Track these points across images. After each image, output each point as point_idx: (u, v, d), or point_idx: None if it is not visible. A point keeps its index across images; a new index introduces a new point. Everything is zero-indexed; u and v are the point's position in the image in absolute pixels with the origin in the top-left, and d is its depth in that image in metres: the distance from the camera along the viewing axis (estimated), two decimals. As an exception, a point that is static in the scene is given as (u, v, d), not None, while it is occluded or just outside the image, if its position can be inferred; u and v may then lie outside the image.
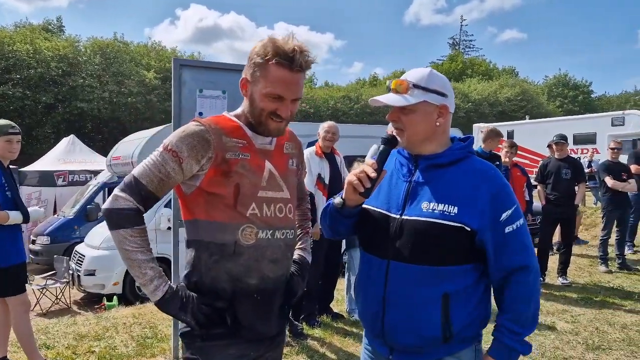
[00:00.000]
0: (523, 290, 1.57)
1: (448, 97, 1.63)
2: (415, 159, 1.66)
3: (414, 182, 1.64)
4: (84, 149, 15.29)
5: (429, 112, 1.61)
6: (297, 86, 1.62)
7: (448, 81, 1.68)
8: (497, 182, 1.60)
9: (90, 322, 5.30)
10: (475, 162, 1.65)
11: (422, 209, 1.58)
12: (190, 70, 3.79)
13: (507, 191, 1.61)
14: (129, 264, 1.57)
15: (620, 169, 7.11)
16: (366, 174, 1.55)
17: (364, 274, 1.74)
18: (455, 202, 1.55)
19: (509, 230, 1.56)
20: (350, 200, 1.62)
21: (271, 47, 1.57)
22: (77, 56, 24.72)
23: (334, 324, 4.97)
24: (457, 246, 1.55)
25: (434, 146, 1.65)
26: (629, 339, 4.47)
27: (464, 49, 55.66)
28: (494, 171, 1.64)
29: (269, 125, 1.65)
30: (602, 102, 48.24)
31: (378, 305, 1.63)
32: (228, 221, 1.60)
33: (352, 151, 6.96)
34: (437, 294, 1.55)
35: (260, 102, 1.62)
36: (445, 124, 1.65)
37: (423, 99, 1.59)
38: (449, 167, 1.62)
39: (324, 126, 5.01)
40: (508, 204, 1.57)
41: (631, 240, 8.07)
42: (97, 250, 7.76)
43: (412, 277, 1.56)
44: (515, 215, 1.57)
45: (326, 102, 30.83)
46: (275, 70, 1.58)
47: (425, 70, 1.65)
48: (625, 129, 15.81)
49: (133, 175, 1.60)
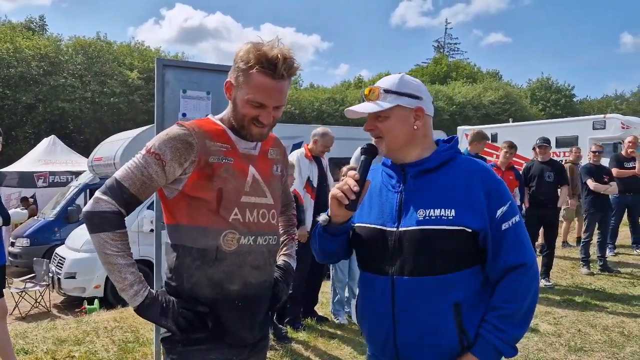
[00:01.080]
0: (516, 287, 1.51)
1: (423, 99, 1.60)
2: (403, 167, 1.62)
3: (405, 191, 1.59)
4: (65, 149, 15.11)
5: (404, 116, 1.58)
6: (279, 94, 1.60)
7: (422, 85, 1.65)
8: (489, 178, 1.56)
9: (70, 326, 5.22)
10: (463, 162, 1.61)
11: (418, 217, 1.52)
12: (173, 71, 3.74)
13: (501, 187, 1.56)
14: (109, 269, 1.54)
15: (601, 172, 7.20)
16: (349, 186, 1.52)
17: (367, 295, 1.65)
18: (452, 205, 1.50)
19: (505, 227, 1.51)
20: (337, 216, 1.58)
21: (254, 54, 1.55)
22: (58, 55, 24.38)
23: (319, 327, 4.95)
24: (461, 250, 1.50)
25: (417, 151, 1.61)
26: (611, 341, 4.52)
27: (448, 52, 56.10)
28: (484, 168, 1.60)
29: (251, 130, 1.64)
30: (584, 105, 48.95)
31: (388, 326, 1.55)
32: (210, 226, 1.58)
33: (337, 153, 6.96)
34: (448, 304, 1.49)
35: (242, 107, 1.61)
36: (425, 127, 1.61)
37: (396, 104, 1.57)
38: (438, 170, 1.58)
39: (324, 137, 4.96)
40: (502, 200, 1.53)
41: (612, 243, 8.19)
42: (78, 253, 7.64)
43: (420, 290, 1.50)
44: (511, 211, 1.53)
45: (311, 103, 30.84)
46: (258, 78, 1.56)
47: (397, 75, 1.63)
48: (606, 133, 16.04)
49: (115, 177, 1.58)
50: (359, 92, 35.89)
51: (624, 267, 7.36)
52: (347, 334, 4.80)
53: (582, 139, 16.12)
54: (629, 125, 16.22)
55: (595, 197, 7.09)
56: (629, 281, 6.62)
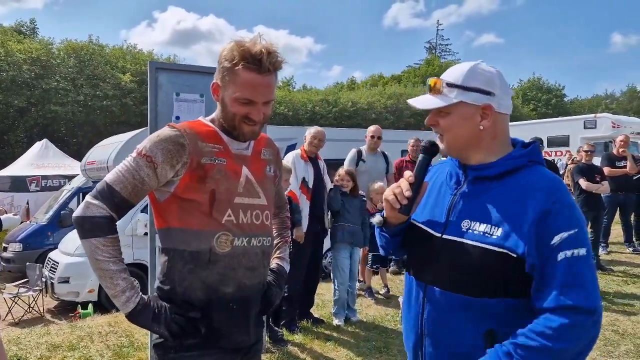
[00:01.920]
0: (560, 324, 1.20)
1: (495, 95, 1.39)
2: (465, 169, 1.45)
3: (459, 195, 1.44)
4: (58, 153, 15.02)
5: (468, 114, 1.39)
6: (267, 89, 1.60)
7: (498, 76, 1.42)
8: (555, 197, 1.29)
9: (64, 332, 5.17)
10: (534, 173, 1.37)
11: (462, 228, 1.37)
12: (167, 74, 3.73)
13: (567, 210, 1.29)
14: (100, 275, 1.52)
15: (593, 171, 7.24)
16: (402, 190, 1.42)
17: (406, 299, 1.56)
18: (500, 223, 1.31)
19: (562, 257, 1.24)
20: (391, 218, 1.50)
21: (238, 51, 1.55)
22: (50, 59, 24.24)
23: (315, 329, 4.93)
24: (503, 276, 1.28)
25: (482, 154, 1.41)
26: (605, 339, 4.54)
27: (440, 53, 56.24)
28: (553, 185, 1.33)
29: (242, 129, 1.63)
30: (575, 105, 49.26)
31: (416, 335, 1.47)
32: (203, 228, 1.57)
33: (331, 154, 6.96)
34: (480, 330, 1.32)
35: (232, 106, 1.60)
36: (494, 127, 1.40)
37: (460, 99, 1.39)
38: (500, 180, 1.38)
39: (311, 131, 5.02)
40: (564, 226, 1.26)
41: (605, 241, 8.24)
42: (72, 257, 7.58)
43: (450, 306, 1.36)
44: (575, 241, 1.25)
45: (304, 105, 30.82)
46: (244, 75, 1.55)
47: (466, 65, 1.43)
48: (597, 132, 16.17)
49: (106, 181, 1.56)
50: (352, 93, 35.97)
51: (617, 266, 7.40)
52: (344, 336, 4.79)
53: (573, 139, 16.26)
54: (620, 124, 16.37)
55: (588, 196, 7.13)
56: (622, 279, 6.65)
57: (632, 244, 8.44)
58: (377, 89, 37.23)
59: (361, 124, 25.16)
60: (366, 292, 6.12)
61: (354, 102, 31.64)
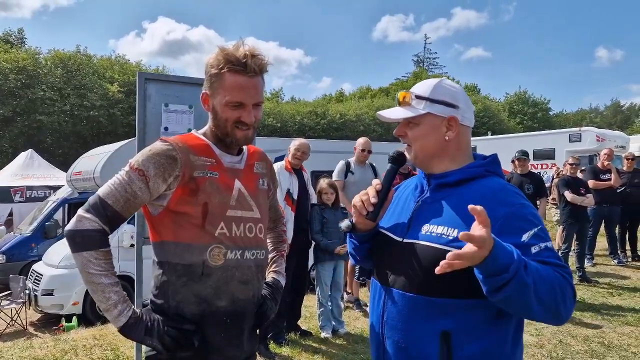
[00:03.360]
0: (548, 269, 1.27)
1: (459, 108, 1.49)
2: (429, 178, 1.53)
3: (421, 202, 1.51)
4: (43, 163, 14.83)
5: (435, 125, 1.48)
6: (255, 90, 1.62)
7: (461, 92, 1.53)
8: (513, 200, 1.39)
9: (47, 345, 5.09)
10: (490, 182, 1.46)
11: (421, 232, 1.44)
12: (155, 85, 3.72)
13: (525, 210, 1.37)
14: (92, 288, 1.51)
15: (578, 184, 7.34)
16: (368, 197, 1.49)
17: (371, 302, 1.63)
18: (457, 224, 1.37)
19: (535, 250, 1.32)
20: (360, 224, 1.56)
21: (222, 56, 1.59)
22: (37, 68, 24.07)
23: (302, 342, 4.91)
24: (458, 276, 1.28)
25: (446, 164, 1.50)
26: (591, 351, 4.57)
27: (428, 66, 56.86)
28: (510, 189, 1.44)
29: (235, 135, 1.64)
30: (560, 118, 49.94)
31: (378, 337, 1.52)
32: (195, 241, 1.57)
33: (319, 166, 6.97)
34: (435, 330, 1.37)
35: (223, 112, 1.62)
36: (458, 138, 1.49)
37: (427, 111, 1.47)
38: (459, 186, 1.46)
39: (295, 144, 5.00)
40: (528, 224, 1.35)
41: (590, 253, 8.32)
42: (56, 269, 7.48)
43: (407, 307, 1.42)
44: (541, 236, 1.34)
45: (293, 117, 30.89)
46: (231, 78, 1.58)
47: (434, 80, 1.53)
48: (582, 145, 16.42)
49: (98, 195, 1.56)
50: (340, 105, 36.13)
51: (603, 277, 7.48)
52: (332, 348, 4.77)
53: (558, 152, 16.47)
54: (604, 137, 16.65)
55: (573, 208, 7.22)
56: (607, 291, 6.72)
57: (617, 255, 8.54)
58: (365, 101, 37.48)
59: (349, 136, 25.26)
60: (354, 304, 6.11)
61: (342, 114, 31.78)
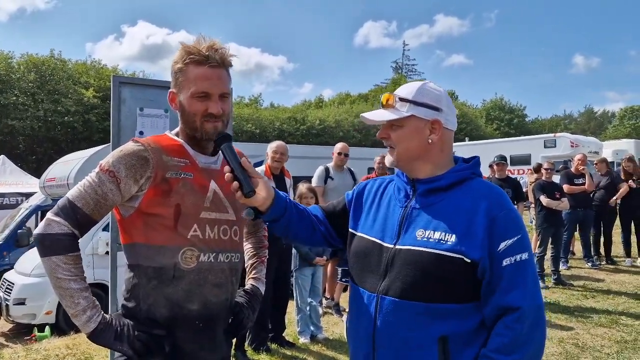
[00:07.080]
0: (511, 336, 1.32)
1: (442, 111, 1.48)
2: (414, 182, 1.51)
3: (410, 207, 1.48)
4: (15, 170, 14.50)
5: (418, 128, 1.47)
6: (219, 80, 1.62)
7: (445, 96, 1.52)
8: (499, 205, 1.41)
9: (19, 356, 4.94)
10: (477, 184, 1.48)
11: (416, 237, 1.41)
12: (130, 88, 3.67)
13: (510, 217, 1.40)
14: (60, 293, 1.47)
15: (553, 189, 7.46)
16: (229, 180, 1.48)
17: (354, 311, 1.56)
18: (454, 230, 1.37)
19: (506, 263, 1.34)
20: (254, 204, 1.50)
21: (184, 51, 1.60)
22: (9, 73, 23.58)
23: (281, 350, 4.85)
24: (456, 281, 1.35)
25: (429, 167, 1.49)
26: (566, 352, 4.63)
27: (406, 73, 57.42)
28: (497, 193, 1.46)
29: (205, 128, 1.61)
30: (536, 125, 50.98)
31: (368, 347, 1.45)
32: (167, 244, 1.54)
33: (299, 172, 6.95)
34: (433, 336, 1.36)
35: (190, 106, 1.61)
36: (441, 141, 1.49)
37: (411, 113, 1.46)
38: (448, 191, 1.46)
39: (272, 146, 4.96)
40: (509, 232, 1.37)
41: (565, 257, 8.46)
42: (28, 278, 7.27)
43: (403, 314, 1.39)
44: (518, 246, 1.36)
45: (272, 123, 30.84)
46: (194, 70, 1.59)
47: (417, 83, 1.52)
48: (557, 151, 16.79)
49: (68, 198, 1.52)
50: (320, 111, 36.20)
51: (577, 280, 7.59)
52: (310, 355, 4.73)
53: (534, 157, 16.79)
54: (578, 143, 17.05)
55: (548, 212, 7.33)
56: (582, 294, 6.83)
57: (591, 259, 8.69)
58: (344, 107, 37.63)
59: (329, 141, 25.30)
60: (333, 309, 6.09)
61: (322, 120, 31.84)
